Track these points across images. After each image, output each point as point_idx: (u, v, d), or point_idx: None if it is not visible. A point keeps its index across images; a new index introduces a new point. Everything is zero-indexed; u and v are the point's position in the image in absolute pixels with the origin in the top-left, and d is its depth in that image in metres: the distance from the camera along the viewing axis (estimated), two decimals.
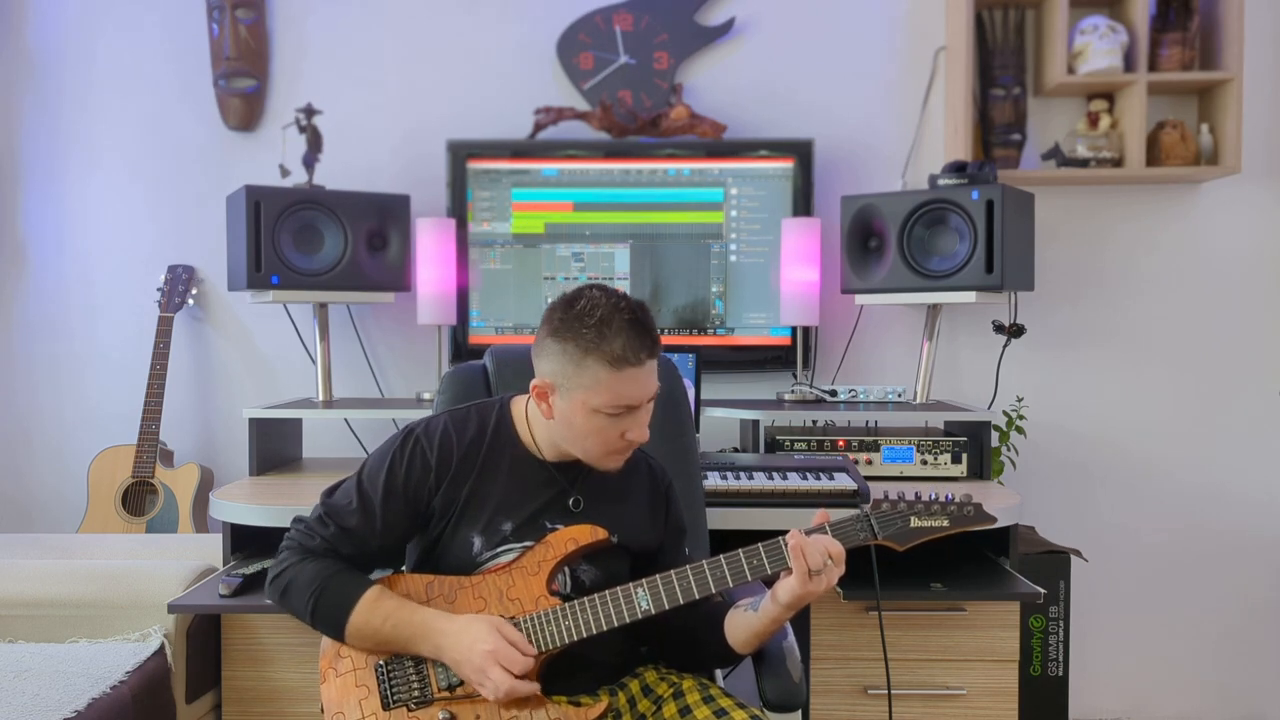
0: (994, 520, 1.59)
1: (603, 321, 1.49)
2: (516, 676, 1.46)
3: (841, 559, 1.47)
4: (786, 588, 1.47)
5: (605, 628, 1.52)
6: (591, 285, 1.55)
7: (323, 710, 1.57)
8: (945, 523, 1.54)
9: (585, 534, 1.58)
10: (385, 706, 1.52)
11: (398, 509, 1.59)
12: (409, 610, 1.53)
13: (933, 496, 1.57)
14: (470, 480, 1.60)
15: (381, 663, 1.55)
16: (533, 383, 1.57)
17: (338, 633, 1.55)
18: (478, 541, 1.59)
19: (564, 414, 1.55)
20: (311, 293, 2.73)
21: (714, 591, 1.52)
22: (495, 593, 1.55)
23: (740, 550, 1.52)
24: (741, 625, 1.57)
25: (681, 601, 1.52)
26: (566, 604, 1.53)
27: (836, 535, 1.51)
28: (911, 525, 1.53)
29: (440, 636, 1.51)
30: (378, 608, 1.53)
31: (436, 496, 1.60)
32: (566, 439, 1.58)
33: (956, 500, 1.56)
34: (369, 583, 1.56)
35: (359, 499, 1.59)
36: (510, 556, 1.59)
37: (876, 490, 2.25)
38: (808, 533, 1.50)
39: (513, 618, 1.53)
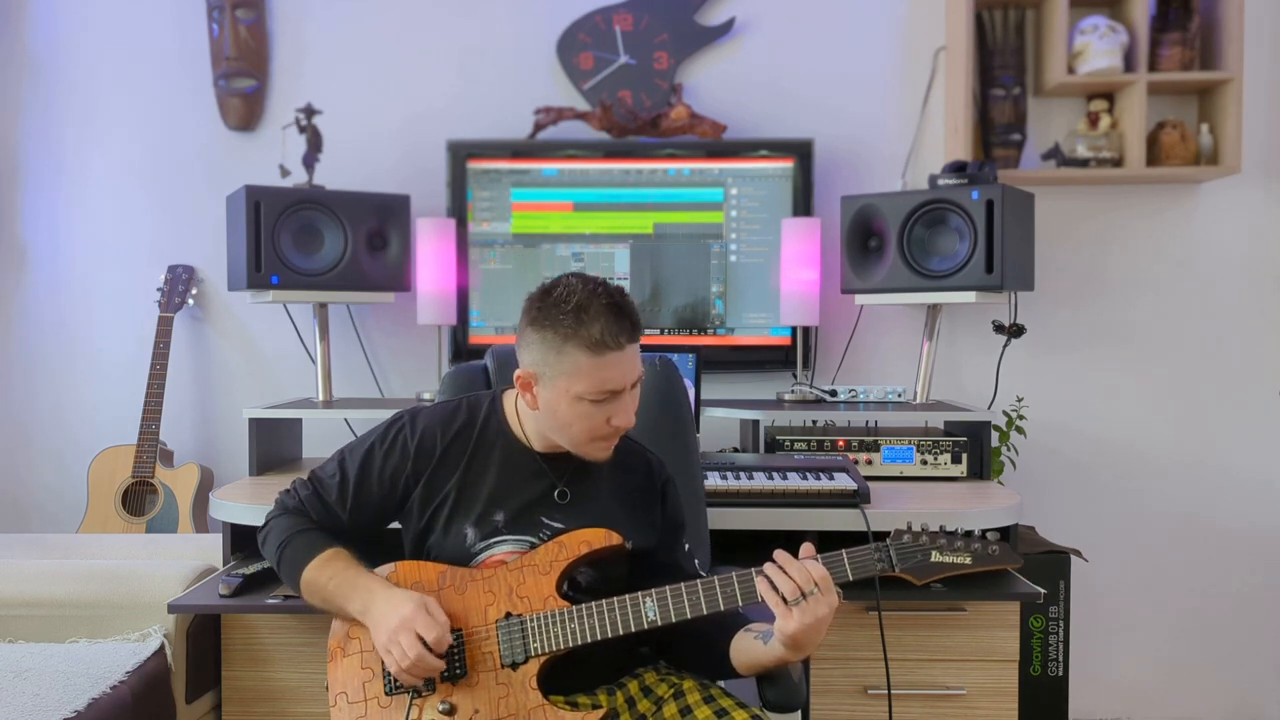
0: (1021, 562, 1.52)
1: (580, 307, 1.48)
2: (428, 649, 1.45)
3: (829, 585, 1.42)
4: (777, 627, 1.43)
5: (610, 634, 1.51)
6: (569, 274, 1.54)
7: (327, 688, 1.57)
8: (968, 560, 1.47)
9: (600, 537, 1.57)
10: (388, 692, 1.53)
11: (370, 491, 1.63)
12: (354, 572, 1.56)
13: (957, 530, 1.50)
14: (458, 472, 1.61)
15: None
16: (516, 374, 1.56)
17: (294, 583, 1.60)
18: (471, 533, 1.59)
19: (548, 403, 1.54)
20: (311, 293, 2.73)
21: (723, 609, 1.49)
22: (505, 588, 1.55)
23: (753, 569, 1.49)
24: (746, 651, 1.54)
25: (689, 616, 1.49)
26: (574, 607, 1.52)
27: (853, 565, 1.47)
28: (932, 560, 1.47)
29: (370, 597, 1.52)
30: (328, 565, 1.58)
31: (417, 488, 1.61)
32: (552, 428, 1.57)
33: (982, 536, 1.49)
34: (330, 544, 1.60)
35: (339, 473, 1.64)
36: (505, 548, 1.59)
37: (876, 490, 2.28)
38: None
39: (520, 615, 1.53)
